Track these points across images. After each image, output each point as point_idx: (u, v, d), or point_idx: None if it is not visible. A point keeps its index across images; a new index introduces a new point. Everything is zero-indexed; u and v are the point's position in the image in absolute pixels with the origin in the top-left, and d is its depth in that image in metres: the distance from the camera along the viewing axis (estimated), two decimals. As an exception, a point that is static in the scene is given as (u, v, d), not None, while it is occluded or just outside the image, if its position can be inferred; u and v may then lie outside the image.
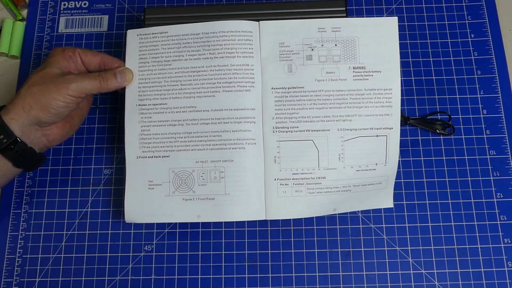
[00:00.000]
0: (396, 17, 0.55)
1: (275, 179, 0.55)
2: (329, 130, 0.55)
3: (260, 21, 0.55)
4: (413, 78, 0.62)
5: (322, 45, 0.55)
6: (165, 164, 0.55)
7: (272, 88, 0.55)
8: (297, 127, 0.55)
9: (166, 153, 0.55)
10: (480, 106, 0.61)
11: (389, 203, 0.56)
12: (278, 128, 0.55)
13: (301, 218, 0.57)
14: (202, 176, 0.55)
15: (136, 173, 0.55)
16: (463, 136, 0.60)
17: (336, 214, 0.57)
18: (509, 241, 0.56)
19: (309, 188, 0.55)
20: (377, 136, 0.55)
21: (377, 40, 0.55)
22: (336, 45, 0.55)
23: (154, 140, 0.55)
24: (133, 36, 0.56)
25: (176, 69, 0.55)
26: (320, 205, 0.55)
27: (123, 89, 0.56)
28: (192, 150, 0.55)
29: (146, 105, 0.55)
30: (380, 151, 0.55)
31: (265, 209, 0.55)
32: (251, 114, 0.54)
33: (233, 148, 0.54)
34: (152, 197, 0.55)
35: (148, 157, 0.55)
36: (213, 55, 0.55)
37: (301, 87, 0.55)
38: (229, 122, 0.54)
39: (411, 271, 0.56)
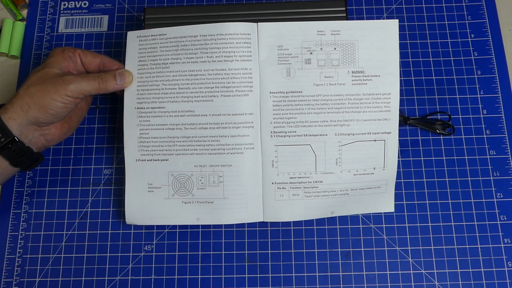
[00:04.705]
0: (397, 20, 0.55)
1: (272, 183, 0.55)
2: (326, 135, 0.55)
3: (258, 23, 0.55)
4: (413, 78, 0.62)
5: (321, 49, 0.55)
6: (164, 167, 0.55)
7: (270, 92, 0.55)
8: (295, 131, 0.55)
9: (165, 157, 0.55)
10: (480, 106, 0.61)
11: (390, 208, 0.57)
12: (276, 132, 0.55)
13: (301, 219, 0.57)
14: (201, 180, 0.55)
15: (136, 175, 0.56)
16: (463, 136, 0.60)
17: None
18: (509, 241, 0.56)
19: (306, 192, 0.55)
20: (375, 140, 0.55)
21: (377, 44, 0.55)
22: (335, 48, 0.55)
23: (153, 143, 0.55)
24: (133, 38, 0.56)
25: (174, 72, 0.55)
26: (317, 208, 0.55)
27: (122, 91, 0.56)
28: (190, 154, 0.55)
29: (144, 108, 0.55)
30: (378, 156, 0.55)
31: (262, 212, 0.55)
32: (249, 119, 0.54)
33: (231, 153, 0.54)
34: (152, 199, 0.55)
35: (147, 160, 0.55)
36: (211, 58, 0.54)
37: (299, 92, 0.55)
38: (227, 127, 0.54)
39: (411, 271, 0.56)
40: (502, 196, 0.58)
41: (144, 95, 0.55)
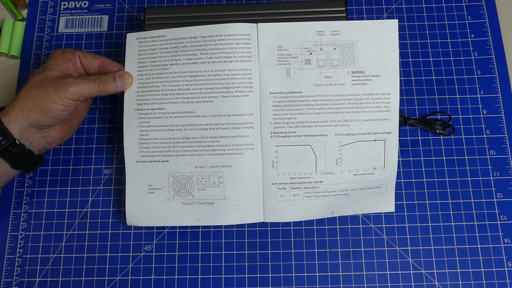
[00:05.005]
0: (396, 20, 0.55)
1: (273, 184, 0.55)
2: (326, 135, 0.54)
3: (258, 24, 0.55)
4: (413, 78, 0.62)
5: (321, 49, 0.55)
6: (164, 168, 0.55)
7: (270, 93, 0.55)
8: (295, 132, 0.55)
9: (165, 158, 0.55)
10: (480, 106, 0.61)
11: (390, 207, 0.57)
12: (276, 133, 0.55)
13: (301, 219, 0.57)
14: (201, 181, 0.55)
15: (136, 177, 0.56)
16: (463, 136, 0.60)
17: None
18: (509, 241, 0.56)
19: (307, 192, 0.55)
20: (375, 140, 0.55)
21: (377, 44, 0.55)
22: (335, 49, 0.55)
23: (152, 145, 0.55)
24: (132, 40, 0.56)
25: (174, 73, 0.55)
26: (318, 208, 0.55)
27: (122, 93, 0.56)
28: (191, 155, 0.55)
29: (144, 109, 0.55)
30: (378, 156, 0.55)
31: (263, 212, 0.55)
32: (249, 120, 0.54)
33: (231, 154, 0.54)
34: (152, 201, 0.55)
35: (147, 161, 0.55)
36: (211, 59, 0.54)
37: (299, 92, 0.55)
38: (227, 128, 0.54)
39: (411, 271, 0.56)
40: (502, 196, 0.58)
41: (144, 97, 0.55)
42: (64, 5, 0.67)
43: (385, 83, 0.54)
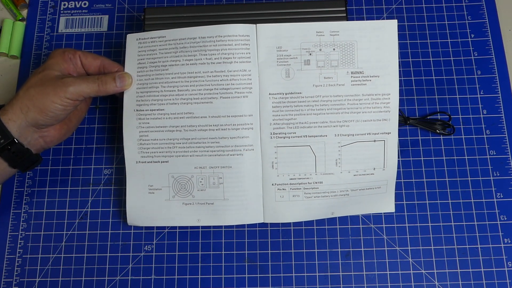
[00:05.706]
0: (396, 20, 0.55)
1: (272, 184, 0.55)
2: (326, 135, 0.54)
3: (257, 24, 0.55)
4: (413, 78, 0.62)
5: (320, 50, 0.55)
6: (164, 169, 0.55)
7: (269, 93, 0.55)
8: (295, 133, 0.55)
9: (165, 159, 0.55)
10: (480, 106, 0.61)
11: (390, 208, 0.57)
12: (276, 134, 0.55)
13: (301, 219, 0.57)
14: (201, 182, 0.55)
15: (136, 177, 0.56)
16: (463, 136, 0.60)
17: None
18: (509, 241, 0.56)
19: (306, 193, 0.55)
20: (374, 141, 0.55)
21: (376, 44, 0.54)
22: (334, 49, 0.55)
23: (152, 145, 0.55)
24: (132, 41, 0.56)
25: (173, 74, 0.55)
26: (318, 209, 0.55)
27: (121, 94, 0.56)
28: (190, 156, 0.55)
29: (143, 110, 0.55)
30: (378, 156, 0.55)
31: (263, 213, 0.55)
32: (249, 121, 0.54)
33: (231, 155, 0.54)
34: (152, 201, 0.55)
35: (147, 162, 0.55)
36: (210, 60, 0.54)
37: (298, 93, 0.55)
38: (227, 129, 0.54)
39: (411, 271, 0.56)
40: (502, 196, 0.58)
41: (144, 97, 0.55)
42: (64, 5, 0.67)
43: (385, 83, 0.54)
